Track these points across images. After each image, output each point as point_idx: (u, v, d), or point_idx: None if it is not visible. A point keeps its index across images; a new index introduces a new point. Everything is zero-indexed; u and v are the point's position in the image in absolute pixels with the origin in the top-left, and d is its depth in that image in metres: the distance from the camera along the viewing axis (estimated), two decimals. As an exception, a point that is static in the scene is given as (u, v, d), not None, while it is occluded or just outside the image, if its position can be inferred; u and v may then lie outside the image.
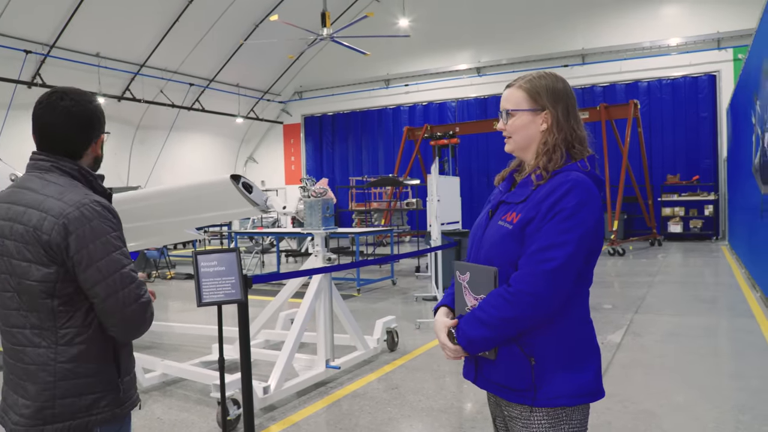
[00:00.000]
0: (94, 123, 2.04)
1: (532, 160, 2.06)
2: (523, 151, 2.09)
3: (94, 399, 1.90)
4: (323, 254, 5.70)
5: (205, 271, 3.69)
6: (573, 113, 2.06)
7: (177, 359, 6.04)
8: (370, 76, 24.69)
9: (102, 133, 2.09)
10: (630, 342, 6.69)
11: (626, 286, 10.58)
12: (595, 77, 20.39)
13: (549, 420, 1.94)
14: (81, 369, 1.88)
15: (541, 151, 2.02)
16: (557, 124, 2.02)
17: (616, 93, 20.11)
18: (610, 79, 20.24)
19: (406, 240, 20.66)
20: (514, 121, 2.07)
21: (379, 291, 11.00)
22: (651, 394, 4.99)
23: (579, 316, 1.99)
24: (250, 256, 14.33)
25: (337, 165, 26.50)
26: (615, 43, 19.89)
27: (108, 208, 1.92)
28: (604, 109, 16.06)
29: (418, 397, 5.12)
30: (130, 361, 2.05)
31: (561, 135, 2.02)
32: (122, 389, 1.97)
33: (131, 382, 2.04)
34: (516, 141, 2.09)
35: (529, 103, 2.05)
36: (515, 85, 2.10)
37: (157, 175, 23.07)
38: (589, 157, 2.05)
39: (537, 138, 2.05)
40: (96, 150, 2.09)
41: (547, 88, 2.04)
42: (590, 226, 1.89)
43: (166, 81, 21.63)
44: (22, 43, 17.04)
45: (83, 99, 2.02)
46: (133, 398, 2.04)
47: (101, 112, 2.08)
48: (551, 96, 2.03)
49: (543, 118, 2.03)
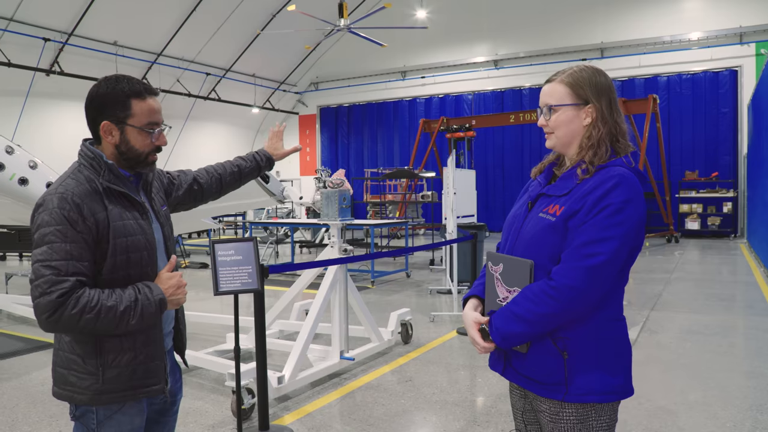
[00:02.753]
0: (97, 104, 2.03)
1: (575, 154, 2.03)
2: (566, 146, 2.06)
3: (77, 378, 1.99)
4: (339, 245, 5.69)
5: (222, 260, 3.69)
6: (615, 106, 2.03)
7: (192, 348, 6.04)
8: (387, 67, 24.62)
9: (106, 120, 2.03)
10: (646, 339, 6.64)
11: (642, 282, 10.49)
12: (613, 71, 20.15)
13: (578, 416, 1.92)
14: (72, 347, 2.00)
15: (586, 145, 1.98)
16: (602, 118, 1.99)
17: (635, 87, 19.91)
18: (629, 74, 20.04)
19: (421, 233, 20.63)
20: (558, 116, 2.03)
21: (393, 283, 10.99)
22: (667, 392, 4.95)
23: (614, 312, 1.97)
24: (265, 247, 14.37)
25: (353, 156, 26.49)
26: (634, 37, 19.68)
27: (69, 202, 1.91)
28: (623, 103, 15.87)
29: (432, 390, 5.11)
30: (119, 357, 2.00)
31: (606, 129, 1.99)
32: (102, 380, 1.99)
33: (117, 379, 2.01)
34: (559, 137, 2.04)
35: (573, 98, 2.01)
36: (556, 79, 2.05)
37: (173, 164, 23.16)
38: (632, 153, 2.02)
39: (580, 133, 2.01)
40: (108, 138, 2.04)
41: (590, 81, 2.00)
42: (635, 223, 1.86)
43: (183, 70, 21.71)
44: (40, 30, 17.15)
45: (99, 82, 2.06)
46: (119, 394, 2.01)
47: (112, 96, 2.02)
48: (594, 89, 2.00)
49: (586, 112, 2.00)
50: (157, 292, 1.99)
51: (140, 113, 2.04)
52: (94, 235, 1.93)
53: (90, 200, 1.95)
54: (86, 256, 1.91)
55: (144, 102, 2.05)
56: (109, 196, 2.01)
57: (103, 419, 2.02)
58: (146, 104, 2.06)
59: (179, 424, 4.44)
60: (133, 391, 2.03)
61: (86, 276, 1.90)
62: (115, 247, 1.96)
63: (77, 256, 1.88)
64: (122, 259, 1.98)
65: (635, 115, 16.40)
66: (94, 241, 1.94)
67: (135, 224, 2.05)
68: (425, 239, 19.17)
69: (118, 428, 2.04)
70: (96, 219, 1.94)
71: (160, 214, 2.24)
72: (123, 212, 2.03)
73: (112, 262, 1.96)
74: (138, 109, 2.03)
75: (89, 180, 2.00)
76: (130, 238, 2.01)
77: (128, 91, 2.02)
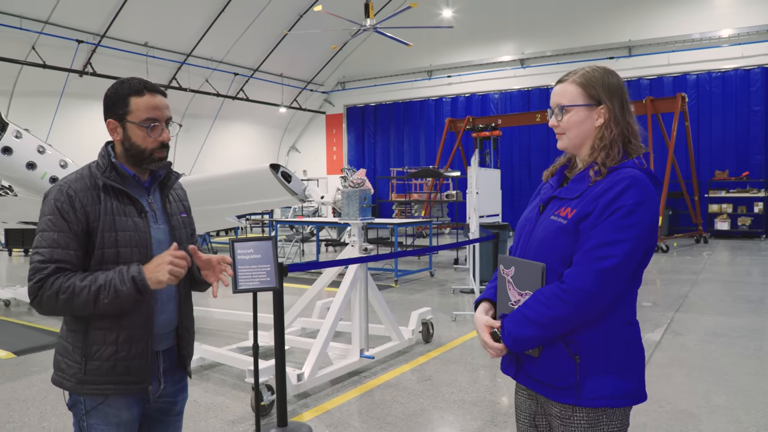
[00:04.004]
0: (105, 104, 2.16)
1: (587, 155, 2.02)
2: (578, 147, 2.04)
3: (66, 365, 2.11)
4: (360, 244, 5.73)
5: (241, 259, 3.75)
6: (627, 107, 2.01)
7: (215, 344, 6.16)
8: (413, 67, 24.62)
9: (109, 118, 2.14)
10: (670, 341, 6.56)
11: (669, 283, 10.36)
12: (641, 70, 19.92)
13: (589, 420, 1.91)
14: (66, 336, 2.13)
15: (598, 146, 1.97)
16: (614, 119, 1.97)
17: (664, 86, 19.63)
18: (658, 72, 19.76)
19: (446, 232, 20.60)
20: (570, 117, 2.01)
21: (417, 282, 11.01)
22: (689, 395, 4.89)
23: (627, 316, 1.96)
24: (290, 245, 14.49)
25: (379, 156, 26.54)
26: (663, 35, 19.40)
27: (64, 194, 2.05)
28: (651, 102, 15.69)
29: (451, 389, 5.13)
30: (101, 350, 2.07)
31: (618, 130, 1.97)
32: (84, 371, 2.08)
33: (98, 372, 2.07)
34: (570, 138, 2.03)
35: (585, 98, 1.99)
36: (568, 80, 2.04)
37: (201, 164, 23.48)
38: (645, 154, 2.01)
39: (592, 134, 2.00)
40: (113, 135, 2.15)
41: (602, 82, 1.99)
42: (647, 225, 1.85)
43: (212, 70, 21.98)
44: (74, 33, 17.55)
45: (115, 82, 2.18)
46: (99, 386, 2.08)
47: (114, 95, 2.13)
48: (607, 90, 1.99)
49: (599, 113, 1.99)
50: (134, 270, 2.00)
51: (137, 110, 2.11)
52: (84, 226, 2.04)
53: (84, 194, 2.07)
54: (72, 245, 2.03)
55: (141, 99, 2.12)
56: (106, 192, 2.11)
57: (90, 409, 2.11)
58: (143, 101, 2.12)
59: (200, 419, 4.53)
60: (113, 386, 2.09)
61: (69, 263, 2.01)
62: (103, 240, 2.05)
63: (63, 245, 2.01)
64: (111, 252, 2.05)
65: (663, 113, 16.17)
66: (84, 232, 2.04)
67: (129, 221, 2.11)
68: (450, 238, 19.15)
69: (104, 419, 2.11)
70: (86, 211, 2.05)
71: (173, 217, 2.28)
72: (118, 208, 2.11)
73: (100, 254, 2.05)
74: (135, 105, 2.11)
75: (91, 176, 2.12)
76: (121, 233, 2.08)
77: (128, 89, 2.12)
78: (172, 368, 2.30)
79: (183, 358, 2.32)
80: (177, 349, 2.30)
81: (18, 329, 7.57)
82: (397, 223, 12.27)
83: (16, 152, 6.59)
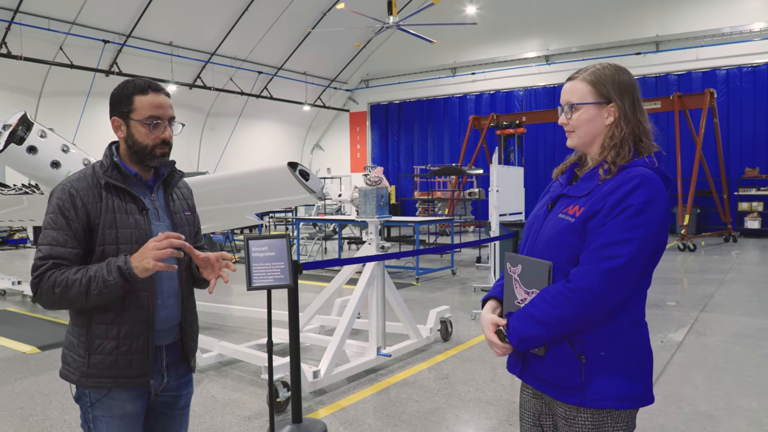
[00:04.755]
0: (110, 102, 2.23)
1: (597, 154, 1.99)
2: (588, 146, 2.02)
3: (71, 359, 2.17)
4: (377, 242, 5.73)
5: (255, 256, 3.78)
6: (639, 105, 1.98)
7: (234, 341, 6.22)
8: (437, 64, 24.55)
9: (114, 116, 2.20)
10: (692, 341, 6.45)
11: (694, 283, 10.19)
12: (669, 65, 19.61)
13: (593, 422, 1.89)
14: (72, 330, 2.19)
15: (608, 144, 1.95)
16: (625, 117, 1.95)
17: (692, 81, 19.30)
18: (686, 67, 19.44)
19: (470, 230, 20.51)
20: (580, 115, 1.99)
21: (438, 280, 10.98)
22: (710, 397, 4.81)
23: (634, 316, 1.93)
24: (312, 243, 14.55)
25: (403, 153, 26.53)
26: (692, 29, 19.07)
27: (66, 192, 2.11)
28: (678, 98, 15.42)
29: (468, 388, 5.10)
30: (103, 344, 2.12)
31: (628, 128, 1.95)
32: (88, 364, 2.14)
33: (100, 365, 2.13)
34: (580, 136, 2.01)
35: (595, 96, 1.97)
36: (578, 77, 2.02)
37: (225, 162, 23.69)
38: (656, 153, 1.97)
39: (602, 132, 1.98)
40: (118, 133, 2.21)
41: (612, 79, 1.97)
42: (656, 225, 1.82)
43: (236, 69, 22.15)
44: (100, 33, 17.83)
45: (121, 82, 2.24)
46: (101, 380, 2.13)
47: (119, 94, 2.19)
48: (617, 88, 1.96)
49: (609, 111, 1.96)
50: (120, 260, 2.03)
51: (141, 107, 2.17)
52: (85, 223, 2.10)
53: (86, 192, 2.13)
54: (71, 243, 2.08)
55: (145, 97, 2.17)
56: (108, 190, 2.16)
57: (94, 401, 2.16)
58: (147, 99, 2.17)
59: (217, 414, 4.57)
60: (114, 379, 2.14)
61: (66, 259, 2.07)
62: (104, 237, 2.11)
63: (62, 242, 2.07)
64: (112, 248, 2.10)
65: (692, 110, 15.89)
66: (85, 229, 2.11)
67: (130, 218, 2.16)
68: (474, 236, 19.05)
69: (109, 411, 2.16)
70: (87, 209, 2.11)
71: (176, 215, 2.33)
72: (119, 205, 2.16)
73: (101, 251, 2.11)
74: (139, 103, 2.17)
75: (93, 174, 2.18)
76: (121, 230, 2.13)
77: (133, 88, 2.19)
78: (176, 363, 2.33)
79: (186, 353, 2.35)
80: (180, 344, 2.33)
81: (43, 325, 7.72)
82: (419, 221, 12.24)
83: (41, 151, 6.70)
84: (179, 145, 21.58)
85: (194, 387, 2.23)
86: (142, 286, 2.14)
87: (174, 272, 2.28)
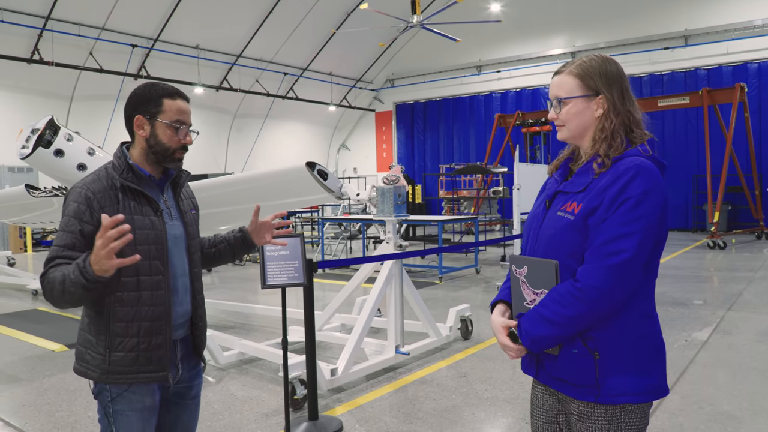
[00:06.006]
0: (134, 101, 2.27)
1: (589, 147, 1.98)
2: (578, 138, 2.02)
3: (90, 356, 2.21)
4: (394, 241, 5.75)
5: (270, 255, 3.83)
6: (628, 96, 1.97)
7: (256, 339, 6.30)
8: (462, 62, 24.47)
9: (139, 114, 2.24)
10: (717, 340, 6.35)
11: (723, 281, 10.01)
12: (698, 60, 19.26)
13: (606, 418, 1.89)
14: (89, 328, 2.23)
15: (599, 137, 1.94)
16: (614, 109, 1.94)
17: (723, 76, 18.93)
18: (716, 62, 19.08)
19: (496, 228, 20.40)
20: (569, 109, 1.98)
21: (462, 279, 10.96)
22: (733, 397, 4.73)
23: (644, 309, 1.92)
24: (337, 242, 14.63)
25: (428, 152, 26.51)
26: (722, 23, 18.70)
27: (82, 195, 2.15)
28: (707, 93, 15.16)
29: (485, 387, 5.10)
30: (124, 342, 2.18)
31: (618, 119, 1.94)
32: (109, 361, 2.19)
33: (121, 362, 2.18)
34: (570, 129, 2.00)
35: (582, 89, 1.96)
36: (565, 71, 2.01)
37: (252, 162, 23.92)
38: (649, 140, 1.96)
39: (592, 125, 1.97)
40: (139, 132, 2.25)
41: (599, 71, 1.96)
42: (657, 215, 1.82)
43: (262, 71, 22.36)
44: (129, 37, 18.18)
45: (138, 86, 2.30)
46: (123, 376, 2.19)
47: (147, 95, 2.24)
48: (605, 79, 1.95)
49: (597, 103, 1.95)
50: (80, 258, 2.02)
51: (169, 111, 2.25)
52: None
53: (103, 194, 2.16)
54: (79, 246, 2.11)
55: (174, 102, 2.26)
56: (124, 192, 2.21)
57: (115, 396, 2.22)
58: (176, 104, 2.27)
59: (235, 411, 4.64)
60: (135, 375, 2.21)
61: (71, 260, 2.07)
62: None
63: (70, 245, 2.11)
64: (129, 250, 2.10)
65: (721, 105, 15.59)
66: None
67: (146, 220, 2.22)
68: (500, 235, 18.95)
69: (129, 405, 2.23)
70: (104, 212, 2.13)
71: (186, 214, 2.42)
72: (135, 207, 2.21)
73: (119, 252, 2.08)
74: (168, 107, 2.25)
75: (108, 176, 2.22)
76: (138, 232, 2.17)
77: (161, 91, 2.27)
78: (188, 355, 2.43)
79: (198, 346, 2.46)
80: (192, 337, 2.43)
81: (72, 324, 7.90)
82: (442, 219, 12.22)
83: (67, 154, 6.85)
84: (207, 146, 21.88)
85: (216, 385, 2.30)
86: (158, 285, 2.22)
87: (186, 270, 2.38)
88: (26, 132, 6.79)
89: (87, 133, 7.79)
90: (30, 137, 6.76)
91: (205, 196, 6.05)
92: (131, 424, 2.24)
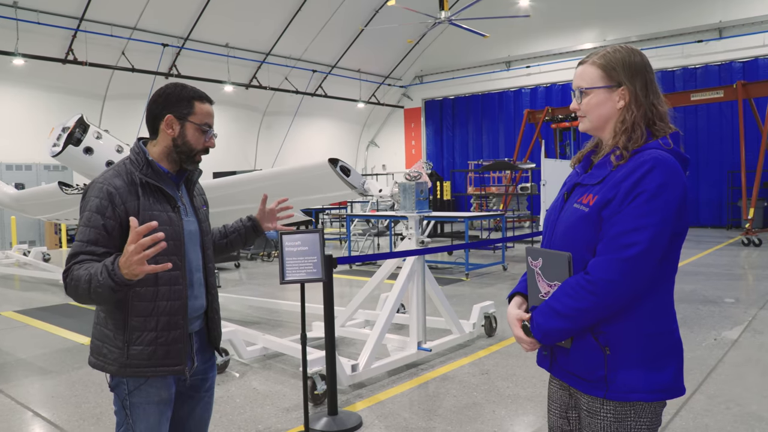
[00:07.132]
0: (164, 100, 2.30)
1: (610, 139, 1.96)
2: (600, 130, 2.00)
3: (107, 350, 2.24)
4: (416, 237, 5.74)
5: (288, 251, 3.85)
6: (652, 88, 1.94)
7: (280, 335, 6.35)
8: (491, 58, 24.29)
9: (170, 114, 2.27)
10: (748, 339, 6.21)
11: (757, 279, 9.78)
12: (733, 52, 18.79)
13: (615, 414, 1.86)
14: (106, 322, 2.25)
15: (620, 129, 1.91)
16: (635, 101, 1.91)
17: (759, 69, 18.44)
18: (752, 54, 18.58)
19: (525, 225, 20.23)
20: (590, 99, 1.96)
21: (489, 276, 10.91)
22: (762, 397, 4.61)
23: (660, 304, 1.88)
24: (364, 239, 14.67)
25: (457, 149, 26.39)
26: (758, 14, 18.20)
27: (104, 191, 2.17)
28: (742, 86, 14.79)
29: (507, 384, 5.06)
30: (142, 336, 2.21)
31: (640, 112, 1.91)
32: (127, 355, 2.22)
33: (140, 356, 2.21)
34: (591, 120, 1.98)
35: (605, 80, 1.94)
36: (588, 61, 2.00)
37: (282, 159, 24.09)
38: (673, 134, 1.91)
39: (614, 116, 1.94)
40: (168, 130, 2.28)
41: (623, 62, 1.93)
42: (673, 209, 1.78)
43: (291, 68, 22.48)
44: (159, 37, 18.44)
45: (166, 86, 2.34)
46: (141, 369, 2.22)
47: (179, 95, 2.29)
48: (628, 70, 1.92)
49: (620, 94, 1.92)
50: (108, 261, 2.02)
51: (200, 113, 2.32)
52: (123, 220, 2.15)
53: (124, 191, 2.19)
54: (102, 241, 2.14)
55: (203, 105, 2.34)
56: (144, 189, 2.24)
57: (132, 389, 2.26)
58: (205, 107, 2.34)
59: (257, 405, 4.68)
60: (154, 368, 2.24)
61: (95, 255, 2.11)
62: None
63: (93, 240, 2.14)
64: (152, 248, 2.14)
65: (757, 98, 15.20)
66: (122, 227, 2.15)
67: (165, 216, 2.26)
68: (529, 232, 18.79)
69: (146, 398, 2.27)
70: (126, 207, 2.17)
71: (199, 211, 2.47)
72: (154, 204, 2.25)
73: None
74: (199, 109, 2.32)
75: (129, 173, 2.25)
76: (158, 228, 2.15)
77: (192, 93, 2.33)
78: (203, 348, 2.48)
79: (214, 339, 2.50)
80: (207, 330, 2.48)
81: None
82: (468, 216, 12.17)
83: (96, 152, 6.99)
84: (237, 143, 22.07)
85: (239, 379, 2.33)
86: (176, 280, 2.26)
87: (200, 265, 2.43)
88: (57, 130, 6.94)
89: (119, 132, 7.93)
90: (60, 135, 6.91)
91: (230, 193, 6.14)
92: (148, 416, 2.27)
